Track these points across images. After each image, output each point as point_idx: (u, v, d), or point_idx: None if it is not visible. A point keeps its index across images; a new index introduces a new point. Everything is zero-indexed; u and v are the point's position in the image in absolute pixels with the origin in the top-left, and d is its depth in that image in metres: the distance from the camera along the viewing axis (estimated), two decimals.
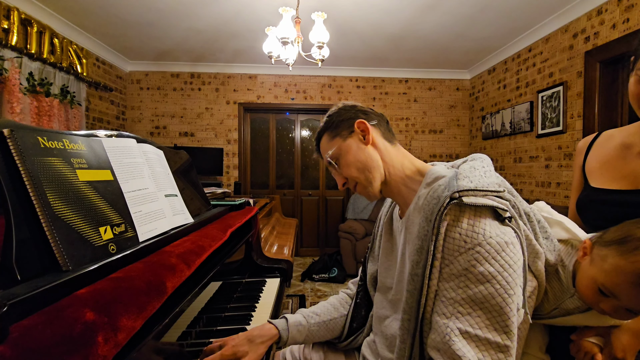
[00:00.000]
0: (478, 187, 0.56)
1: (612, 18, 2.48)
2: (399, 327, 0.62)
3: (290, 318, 0.87)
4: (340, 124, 0.78)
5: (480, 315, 0.53)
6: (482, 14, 2.91)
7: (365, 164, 0.75)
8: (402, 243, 0.72)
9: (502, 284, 0.52)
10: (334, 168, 0.80)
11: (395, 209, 0.83)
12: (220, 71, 4.37)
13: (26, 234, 0.47)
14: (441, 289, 0.57)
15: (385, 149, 0.76)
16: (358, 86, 4.53)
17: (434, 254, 0.56)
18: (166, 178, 0.91)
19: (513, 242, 0.55)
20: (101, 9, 2.87)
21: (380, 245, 0.85)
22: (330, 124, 0.80)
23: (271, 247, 2.04)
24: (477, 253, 0.53)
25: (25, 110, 2.56)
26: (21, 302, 0.39)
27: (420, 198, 0.67)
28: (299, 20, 2.46)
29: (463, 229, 0.55)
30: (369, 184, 0.75)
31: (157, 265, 0.61)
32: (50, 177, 0.52)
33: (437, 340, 0.55)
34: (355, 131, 0.77)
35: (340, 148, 0.77)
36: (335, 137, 0.79)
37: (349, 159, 0.76)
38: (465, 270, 0.54)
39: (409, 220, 0.69)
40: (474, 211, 0.56)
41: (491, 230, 0.54)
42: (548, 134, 3.09)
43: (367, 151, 0.75)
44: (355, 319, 0.90)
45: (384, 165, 0.75)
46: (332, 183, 4.72)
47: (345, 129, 0.78)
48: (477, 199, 0.55)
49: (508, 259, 0.53)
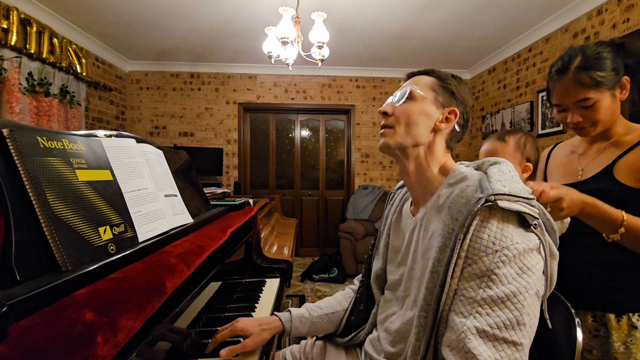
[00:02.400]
0: (512, 192, 0.57)
1: (612, 18, 2.48)
2: (415, 325, 0.62)
3: (294, 311, 0.91)
4: (448, 93, 0.73)
5: (500, 315, 0.54)
6: (482, 13, 2.91)
7: (415, 130, 0.71)
8: (415, 240, 0.72)
9: (523, 284, 0.54)
10: (401, 98, 0.74)
11: (405, 206, 0.82)
12: (220, 71, 4.37)
13: (25, 234, 0.47)
14: (460, 288, 0.57)
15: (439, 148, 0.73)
16: (358, 86, 4.53)
17: (459, 252, 0.57)
18: (166, 178, 0.90)
19: (537, 248, 0.57)
20: (101, 8, 2.86)
21: (389, 242, 0.85)
22: (443, 81, 0.74)
23: (271, 247, 2.04)
24: (504, 256, 0.55)
25: (24, 110, 2.56)
26: (21, 303, 0.39)
27: (441, 197, 0.67)
28: (299, 20, 2.46)
29: (492, 230, 0.56)
30: (393, 134, 0.72)
31: (157, 266, 0.61)
32: (49, 177, 0.52)
33: (453, 339, 0.56)
34: (443, 114, 0.72)
35: (423, 99, 0.72)
36: (432, 90, 0.73)
37: (413, 113, 0.71)
38: (489, 271, 0.55)
39: (425, 217, 0.69)
40: (502, 215, 0.57)
41: (517, 236, 0.56)
42: (548, 133, 3.09)
43: (426, 128, 0.71)
44: (353, 313, 0.92)
45: (426, 155, 0.72)
46: (332, 183, 4.72)
47: (442, 97, 0.73)
48: (511, 204, 0.56)
49: (529, 263, 0.55)
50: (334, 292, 3.78)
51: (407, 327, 0.70)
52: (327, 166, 4.71)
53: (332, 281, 3.62)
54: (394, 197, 0.92)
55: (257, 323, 0.84)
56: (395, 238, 0.83)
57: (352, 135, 4.56)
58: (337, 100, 4.52)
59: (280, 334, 0.88)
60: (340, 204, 4.69)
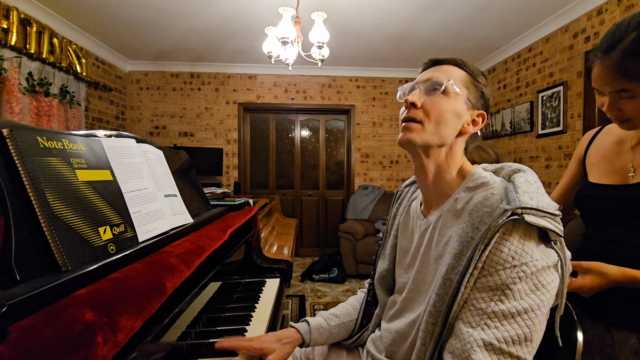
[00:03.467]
0: (539, 206, 0.55)
1: (612, 18, 2.48)
2: (422, 330, 0.61)
3: (312, 321, 0.88)
4: (478, 93, 0.70)
5: (509, 330, 0.53)
6: (482, 13, 2.91)
7: (443, 129, 0.66)
8: (427, 243, 0.70)
9: (536, 301, 0.53)
10: (429, 90, 0.68)
11: (414, 205, 0.80)
12: (220, 71, 4.37)
13: (25, 234, 0.47)
14: (471, 298, 0.56)
15: (459, 149, 0.70)
16: (358, 86, 4.53)
17: (477, 263, 0.55)
18: (166, 178, 0.90)
19: (555, 265, 0.56)
20: (101, 8, 2.86)
21: (396, 243, 0.83)
22: (474, 78, 0.70)
23: (271, 247, 2.04)
24: (522, 272, 0.53)
25: (24, 110, 2.56)
26: (20, 303, 0.39)
27: (459, 201, 0.65)
28: (299, 20, 2.46)
29: (513, 244, 0.54)
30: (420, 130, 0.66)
31: (157, 266, 0.61)
32: (49, 177, 0.52)
33: (457, 347, 0.55)
34: (472, 116, 0.69)
35: (457, 97, 0.67)
36: (465, 87, 0.68)
37: (445, 109, 0.66)
38: (504, 285, 0.54)
39: (441, 221, 0.67)
40: (525, 229, 0.55)
41: (537, 253, 0.54)
42: (548, 134, 3.09)
43: (453, 128, 0.67)
44: (365, 316, 0.90)
45: (447, 155, 0.68)
46: (332, 183, 4.72)
47: (474, 97, 0.69)
48: (537, 219, 0.54)
49: (544, 281, 0.54)
50: (334, 292, 3.75)
51: (408, 329, 0.69)
52: (327, 166, 4.71)
53: (332, 281, 3.62)
54: (402, 195, 0.88)
55: (276, 338, 0.80)
56: (404, 239, 0.80)
57: (352, 135, 4.56)
58: (337, 100, 4.52)
59: (299, 345, 0.84)
60: (340, 204, 4.68)
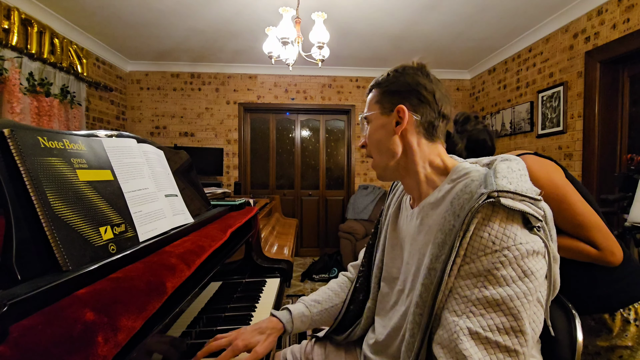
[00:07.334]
0: (518, 190, 0.54)
1: (612, 18, 2.47)
2: (410, 321, 0.61)
3: (294, 310, 0.89)
4: (390, 95, 0.72)
5: (494, 317, 0.51)
6: (483, 13, 2.91)
7: (385, 149, 0.73)
8: (412, 234, 0.71)
9: (522, 289, 0.51)
10: (363, 126, 0.79)
11: (404, 199, 0.81)
12: (220, 71, 4.37)
13: (26, 234, 0.47)
14: (456, 286, 0.55)
15: (418, 144, 0.70)
16: (358, 86, 4.53)
17: (458, 250, 0.55)
18: (166, 178, 0.91)
19: (540, 251, 0.54)
20: (101, 9, 2.87)
21: (387, 235, 0.84)
22: (383, 86, 0.74)
23: (271, 247, 2.04)
24: (503, 257, 0.52)
25: (25, 110, 2.56)
26: (21, 302, 0.39)
27: (441, 191, 0.66)
28: (299, 20, 2.46)
29: (494, 229, 0.53)
30: (377, 166, 0.76)
31: (157, 266, 0.61)
32: (50, 177, 0.52)
33: (445, 337, 0.54)
34: (393, 113, 0.71)
35: (375, 117, 0.74)
36: (377, 103, 0.74)
37: (374, 134, 0.75)
38: (487, 272, 0.53)
39: (423, 210, 0.68)
40: (506, 214, 0.54)
41: (522, 237, 0.53)
42: (548, 134, 3.09)
43: (392, 139, 0.71)
44: (353, 302, 0.91)
45: (408, 159, 0.71)
46: (332, 183, 4.72)
47: (387, 102, 0.72)
48: (515, 202, 0.53)
49: (532, 267, 0.52)
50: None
51: (401, 321, 0.70)
52: (327, 166, 4.71)
53: None
54: (397, 185, 0.90)
55: (258, 331, 0.81)
56: (393, 230, 0.82)
57: (352, 135, 4.56)
58: (337, 101, 4.52)
59: (281, 335, 0.86)
60: (341, 204, 4.68)
